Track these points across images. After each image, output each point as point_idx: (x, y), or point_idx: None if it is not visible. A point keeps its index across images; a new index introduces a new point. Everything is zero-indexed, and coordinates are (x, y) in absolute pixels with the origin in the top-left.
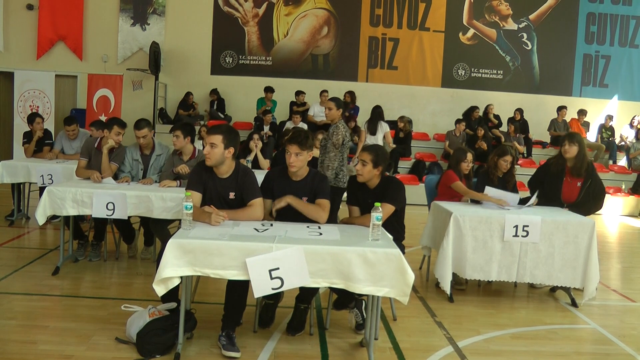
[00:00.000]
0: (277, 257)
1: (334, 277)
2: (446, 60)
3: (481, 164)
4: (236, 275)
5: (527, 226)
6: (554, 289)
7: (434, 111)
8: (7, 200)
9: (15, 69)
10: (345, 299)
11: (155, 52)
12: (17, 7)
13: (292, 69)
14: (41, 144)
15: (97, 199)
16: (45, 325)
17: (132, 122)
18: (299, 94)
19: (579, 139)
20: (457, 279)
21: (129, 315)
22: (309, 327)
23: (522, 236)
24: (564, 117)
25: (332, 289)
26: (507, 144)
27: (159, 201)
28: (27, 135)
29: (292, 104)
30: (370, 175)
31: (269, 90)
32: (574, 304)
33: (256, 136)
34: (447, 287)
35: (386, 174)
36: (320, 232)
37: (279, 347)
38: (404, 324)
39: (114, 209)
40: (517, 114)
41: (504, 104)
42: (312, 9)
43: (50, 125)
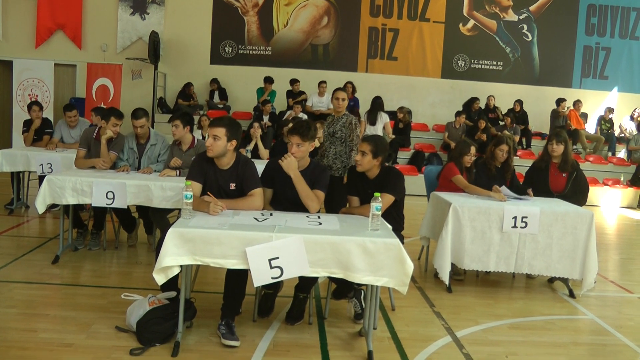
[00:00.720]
0: (277, 247)
1: (334, 267)
2: (446, 51)
3: (480, 155)
4: (236, 264)
5: (526, 217)
6: (551, 280)
7: (434, 102)
8: (7, 189)
9: (14, 58)
10: (344, 289)
11: (154, 41)
12: None
13: (292, 59)
14: (41, 133)
15: (96, 188)
16: (45, 313)
17: (131, 111)
18: (294, 82)
19: (565, 138)
20: (455, 270)
21: (128, 304)
22: (308, 317)
23: (521, 227)
24: (564, 109)
25: (331, 279)
26: (507, 135)
27: (159, 190)
28: (27, 123)
29: (288, 93)
30: (369, 165)
31: (268, 81)
32: (572, 294)
33: (256, 124)
34: (445, 277)
35: (386, 164)
36: (319, 222)
37: (278, 336)
38: (402, 313)
39: (114, 198)
40: (517, 105)
41: (504, 96)
42: None
43: (49, 114)
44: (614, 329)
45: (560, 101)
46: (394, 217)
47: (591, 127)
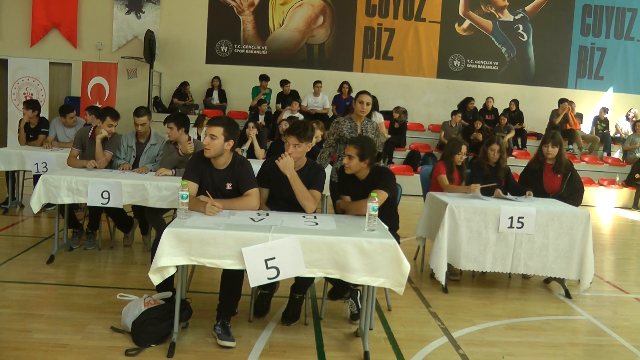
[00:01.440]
0: (273, 247)
1: (330, 267)
2: (442, 51)
3: (475, 155)
4: (232, 264)
5: (522, 217)
6: (547, 280)
7: (429, 102)
8: (2, 188)
9: (9, 56)
10: (340, 289)
11: (150, 40)
12: None
13: (288, 58)
14: (37, 132)
15: (92, 188)
16: (40, 314)
17: (126, 110)
18: (284, 84)
19: (560, 140)
20: (451, 270)
21: (124, 304)
22: (304, 317)
23: (517, 227)
24: (564, 110)
25: (327, 279)
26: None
27: (154, 190)
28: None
29: (279, 96)
30: (357, 168)
31: (264, 78)
32: (568, 295)
33: (251, 124)
34: (442, 278)
35: (381, 164)
36: (316, 222)
37: (274, 337)
38: (398, 314)
39: (109, 198)
40: (513, 104)
41: (499, 95)
42: None
43: (44, 112)
44: (610, 330)
45: (561, 101)
46: (389, 215)
47: (586, 128)
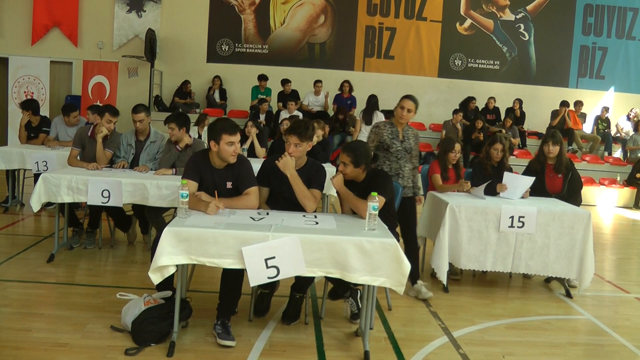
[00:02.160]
0: (273, 246)
1: (330, 267)
2: (443, 50)
3: (477, 155)
4: (232, 263)
5: (523, 217)
6: (548, 280)
7: (430, 101)
8: (2, 186)
9: (9, 55)
10: (340, 289)
11: (151, 39)
12: None
13: (289, 57)
14: (38, 131)
15: (92, 187)
16: (40, 312)
17: (127, 109)
18: (285, 83)
19: (560, 139)
20: (452, 269)
21: (124, 303)
22: (304, 317)
23: (518, 227)
24: (565, 113)
25: (327, 279)
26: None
27: (155, 189)
28: (27, 124)
29: (280, 94)
30: (353, 174)
31: (262, 78)
32: (569, 294)
33: (250, 123)
34: (443, 277)
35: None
36: (316, 222)
37: (274, 336)
38: (399, 313)
39: (110, 197)
40: (517, 103)
41: (501, 95)
42: None
43: (44, 111)
44: (610, 329)
45: (563, 104)
46: (386, 215)
47: (588, 127)
